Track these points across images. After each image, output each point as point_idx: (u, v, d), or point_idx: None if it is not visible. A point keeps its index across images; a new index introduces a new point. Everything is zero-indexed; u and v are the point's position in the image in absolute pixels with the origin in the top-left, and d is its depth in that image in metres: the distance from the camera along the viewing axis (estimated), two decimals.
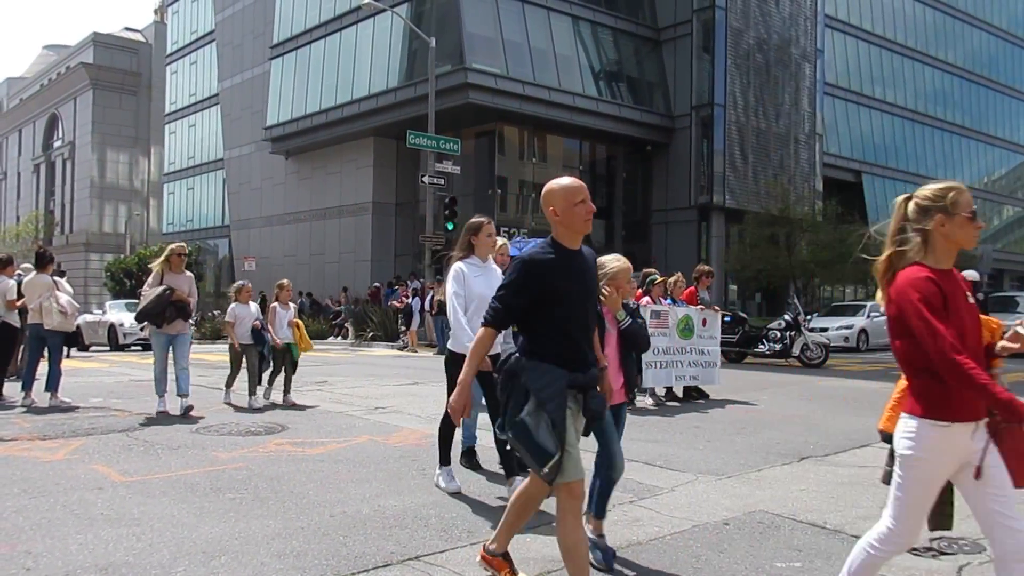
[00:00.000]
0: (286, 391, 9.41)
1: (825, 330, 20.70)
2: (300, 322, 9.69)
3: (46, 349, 9.29)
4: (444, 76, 25.64)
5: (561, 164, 31.74)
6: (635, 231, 32.81)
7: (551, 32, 29.40)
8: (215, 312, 30.41)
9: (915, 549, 4.19)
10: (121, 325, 19.95)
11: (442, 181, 23.09)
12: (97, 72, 61.74)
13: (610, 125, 30.21)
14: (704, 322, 10.84)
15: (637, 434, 7.66)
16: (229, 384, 9.36)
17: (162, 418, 8.23)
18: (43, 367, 9.31)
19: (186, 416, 8.14)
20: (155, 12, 66.22)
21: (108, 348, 19.92)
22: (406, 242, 31.60)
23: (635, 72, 32.54)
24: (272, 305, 9.40)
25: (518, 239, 21.35)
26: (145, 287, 8.35)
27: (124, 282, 36.18)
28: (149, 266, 8.58)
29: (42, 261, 9.39)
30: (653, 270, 11.06)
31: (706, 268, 11.68)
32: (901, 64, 45.34)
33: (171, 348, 8.43)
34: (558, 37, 29.59)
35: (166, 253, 8.50)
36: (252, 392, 9.10)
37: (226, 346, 9.94)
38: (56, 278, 9.59)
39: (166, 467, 5.94)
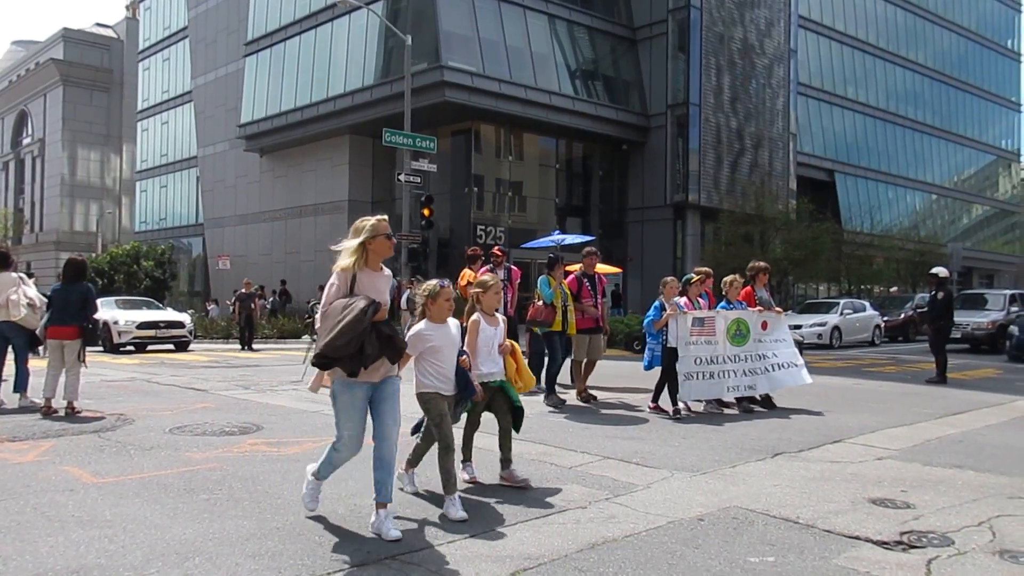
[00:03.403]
0: (505, 459, 5.54)
1: (799, 327, 20.91)
2: (516, 345, 5.82)
3: (10, 349, 9.18)
4: (420, 74, 25.55)
5: (538, 162, 31.79)
6: (611, 229, 32.93)
7: (527, 31, 29.41)
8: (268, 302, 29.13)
9: (885, 542, 4.26)
10: (116, 323, 18.59)
11: (418, 179, 23.02)
12: (67, 68, 60.91)
13: (586, 124, 30.29)
14: (764, 325, 9.62)
15: (613, 431, 7.70)
16: (414, 462, 5.35)
17: (135, 418, 8.12)
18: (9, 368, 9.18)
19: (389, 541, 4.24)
20: (127, 8, 65.48)
21: (102, 349, 18.48)
22: None
23: (611, 71, 32.65)
24: (474, 318, 5.56)
25: (556, 232, 21.30)
26: (327, 296, 4.51)
27: (96, 281, 35.74)
28: (336, 258, 4.61)
29: (6, 260, 9.28)
30: (707, 269, 10.10)
31: (761, 264, 10.33)
32: (873, 64, 45.91)
33: (370, 406, 4.57)
34: (534, 36, 29.61)
35: (366, 232, 4.50)
36: (448, 488, 4.78)
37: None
38: (22, 275, 9.48)
39: (139, 468, 5.88)
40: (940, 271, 13.86)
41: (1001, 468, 6.22)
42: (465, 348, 5.24)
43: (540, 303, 9.55)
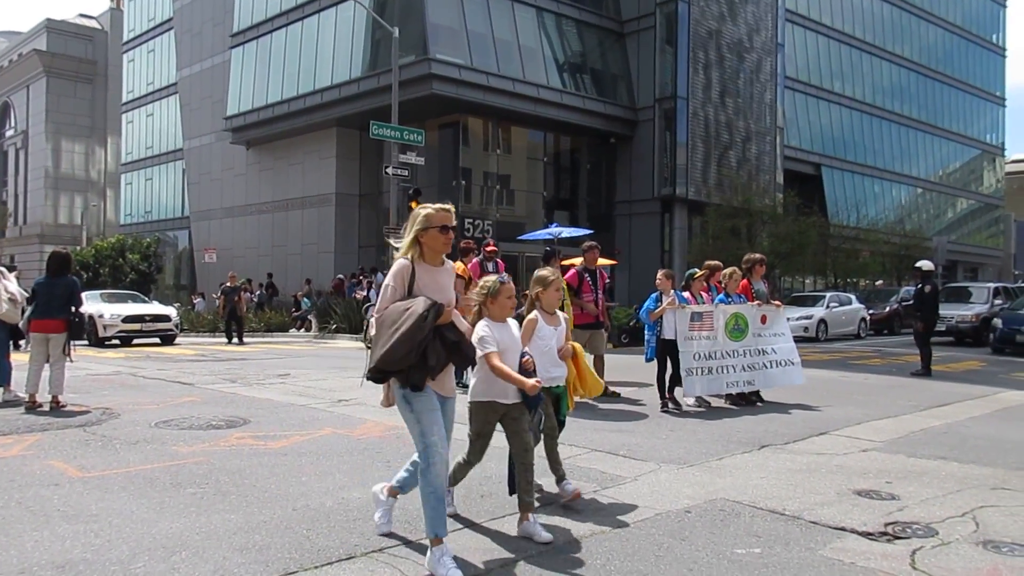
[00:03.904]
0: (555, 471, 4.97)
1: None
2: (579, 348, 5.21)
3: None
4: (407, 67, 25.45)
5: (526, 156, 31.75)
6: (599, 223, 32.93)
7: (515, 23, 29.33)
8: (256, 296, 28.81)
9: (870, 533, 4.30)
10: (101, 317, 18.41)
11: (406, 172, 22.96)
12: (51, 59, 60.28)
13: (574, 117, 30.25)
14: (763, 319, 9.43)
15: (601, 424, 7.72)
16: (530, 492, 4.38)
17: (121, 412, 8.07)
18: None
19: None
20: None
21: (87, 342, 18.10)
22: (370, 233, 31.37)
23: (599, 64, 32.63)
24: (531, 316, 4.93)
25: (553, 225, 21.26)
26: (382, 299, 3.87)
27: (81, 275, 35.51)
28: (395, 254, 4.00)
29: None
30: (716, 262, 9.97)
31: (757, 256, 10.10)
32: (859, 59, 46.08)
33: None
34: (522, 28, 29.54)
35: (417, 224, 3.95)
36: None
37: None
38: (2, 269, 9.43)
39: (125, 462, 5.85)
40: (925, 265, 13.95)
41: (984, 459, 6.28)
42: (527, 350, 4.62)
43: None
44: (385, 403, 4.07)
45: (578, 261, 10.48)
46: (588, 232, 19.54)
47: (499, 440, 5.79)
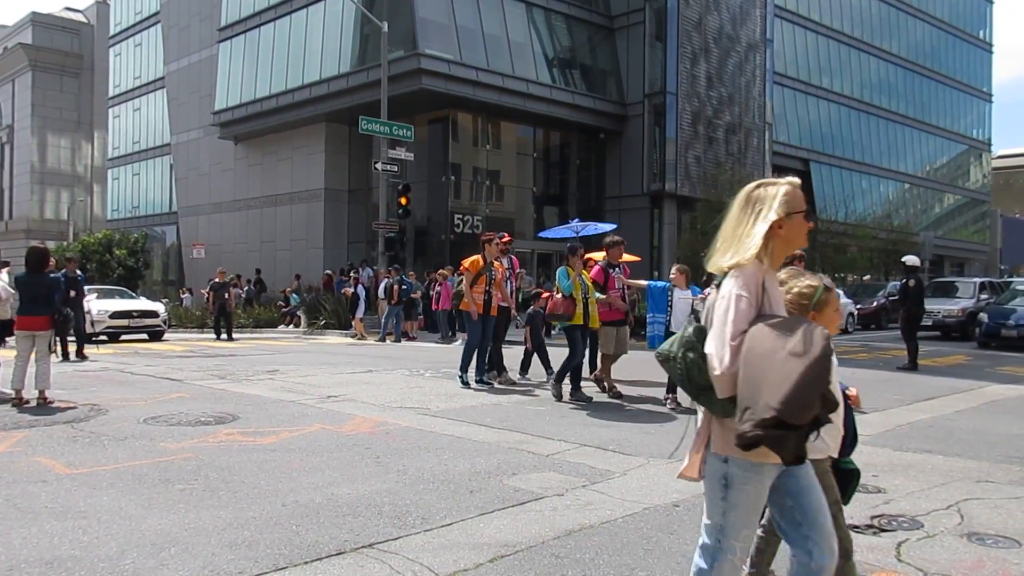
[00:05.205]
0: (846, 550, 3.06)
1: None
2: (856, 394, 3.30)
3: None
4: (397, 62, 25.37)
5: (515, 151, 31.72)
6: (589, 218, 32.86)
7: (504, 18, 29.29)
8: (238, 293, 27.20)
9: (856, 526, 4.33)
10: (88, 313, 17.79)
11: (395, 168, 22.92)
12: (36, 53, 59.78)
13: (564, 112, 30.25)
14: None
15: (591, 419, 7.74)
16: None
17: (109, 409, 8.04)
18: None
19: None
20: None
21: (75, 339, 18.35)
22: (359, 229, 31.29)
23: (588, 59, 32.63)
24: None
25: (575, 220, 21.23)
26: (735, 315, 2.46)
27: (85, 268, 35.28)
28: (730, 255, 2.57)
29: None
30: None
31: (797, 252, 10.24)
32: (848, 54, 46.27)
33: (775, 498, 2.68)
34: (512, 23, 29.49)
35: (778, 207, 2.54)
36: None
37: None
38: None
39: (113, 459, 5.83)
40: (909, 260, 14.03)
41: (970, 452, 6.34)
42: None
43: (559, 296, 8.85)
44: (697, 474, 2.75)
45: (599, 256, 10.04)
46: (612, 227, 19.37)
47: (490, 437, 5.80)
